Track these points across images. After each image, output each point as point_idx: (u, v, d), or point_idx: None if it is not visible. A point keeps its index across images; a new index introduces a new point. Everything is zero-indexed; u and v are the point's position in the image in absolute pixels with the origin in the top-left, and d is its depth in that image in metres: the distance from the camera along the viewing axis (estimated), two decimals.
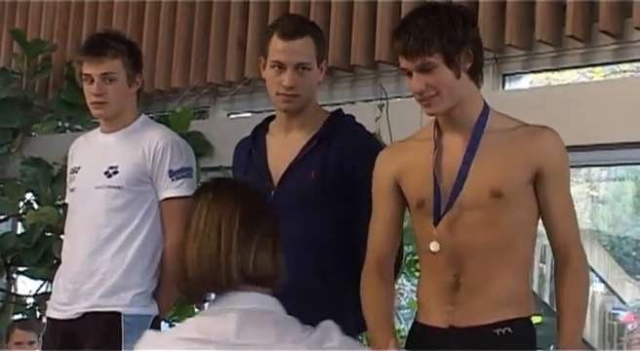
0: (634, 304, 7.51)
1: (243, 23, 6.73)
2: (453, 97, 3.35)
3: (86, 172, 4.46)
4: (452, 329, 3.39)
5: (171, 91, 7.29)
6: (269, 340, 2.82)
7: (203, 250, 2.90)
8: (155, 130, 4.52)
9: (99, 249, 4.33)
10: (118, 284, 4.29)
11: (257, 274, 2.93)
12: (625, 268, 7.53)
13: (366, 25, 6.20)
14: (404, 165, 3.53)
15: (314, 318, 3.75)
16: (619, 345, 7.52)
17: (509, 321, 3.34)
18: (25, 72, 7.98)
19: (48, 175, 6.99)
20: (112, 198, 4.34)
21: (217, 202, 2.94)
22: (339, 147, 3.81)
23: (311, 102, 3.93)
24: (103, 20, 7.77)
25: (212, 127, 6.84)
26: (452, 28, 3.28)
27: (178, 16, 7.26)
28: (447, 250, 3.38)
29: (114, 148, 4.42)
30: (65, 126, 7.85)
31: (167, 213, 4.36)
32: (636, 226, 7.71)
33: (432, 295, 3.48)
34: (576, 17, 5.35)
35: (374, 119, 5.39)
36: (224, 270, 2.86)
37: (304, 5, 6.44)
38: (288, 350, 2.80)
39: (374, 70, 6.30)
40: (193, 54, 7.12)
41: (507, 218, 3.35)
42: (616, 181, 7.32)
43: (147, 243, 4.34)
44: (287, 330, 2.91)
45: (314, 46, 3.86)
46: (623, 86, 5.48)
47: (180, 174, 4.36)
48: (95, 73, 4.40)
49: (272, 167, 3.89)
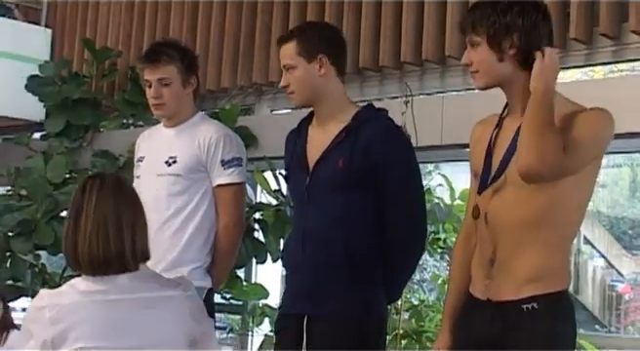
0: (631, 277, 7.47)
1: (284, 29, 6.67)
2: (491, 77, 3.28)
3: (149, 161, 4.48)
4: (488, 301, 3.28)
5: (221, 90, 7.33)
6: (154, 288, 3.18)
7: (95, 234, 3.12)
8: (210, 124, 4.52)
9: (160, 228, 4.31)
10: (177, 259, 4.29)
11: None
12: (623, 245, 7.50)
13: (392, 30, 6.18)
14: (475, 139, 3.48)
15: (343, 293, 3.75)
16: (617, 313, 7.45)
17: (538, 296, 3.17)
18: (95, 76, 8.04)
19: (114, 166, 7.02)
20: (172, 184, 4.34)
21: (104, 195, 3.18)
22: (366, 137, 3.77)
23: (338, 97, 3.90)
24: (161, 30, 7.79)
25: (256, 122, 6.82)
26: (502, 15, 3.21)
27: (227, 24, 7.26)
28: (489, 223, 3.28)
29: (174, 141, 4.42)
30: (129, 122, 7.83)
31: (220, 197, 4.36)
32: (632, 208, 7.67)
33: (477, 268, 3.37)
34: (579, 22, 5.33)
35: (400, 114, 5.34)
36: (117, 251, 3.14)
37: (338, 11, 6.45)
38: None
39: (399, 70, 6.26)
40: (240, 57, 7.13)
41: (541, 197, 3.17)
42: (614, 168, 7.26)
43: (203, 223, 4.33)
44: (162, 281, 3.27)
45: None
46: (621, 84, 5.44)
47: (232, 163, 4.36)
48: (152, 79, 4.43)
49: (309, 155, 3.88)
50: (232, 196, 4.36)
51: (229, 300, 6.52)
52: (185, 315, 3.21)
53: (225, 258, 4.43)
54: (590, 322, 7.08)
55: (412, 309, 6.02)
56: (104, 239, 3.12)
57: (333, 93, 3.90)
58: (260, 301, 6.57)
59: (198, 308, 3.33)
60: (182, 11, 7.65)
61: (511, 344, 3.17)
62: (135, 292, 3.15)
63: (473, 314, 3.34)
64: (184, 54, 4.53)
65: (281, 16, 6.85)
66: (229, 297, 6.48)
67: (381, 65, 6.27)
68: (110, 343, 3.07)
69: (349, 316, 3.74)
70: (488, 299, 3.28)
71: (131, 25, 8.13)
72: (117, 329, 3.10)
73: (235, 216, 4.40)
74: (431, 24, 5.99)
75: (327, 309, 3.74)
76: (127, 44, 8.09)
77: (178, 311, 3.20)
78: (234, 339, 7.24)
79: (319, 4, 6.60)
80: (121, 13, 8.21)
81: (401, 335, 5.75)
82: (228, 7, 7.28)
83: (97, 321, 3.08)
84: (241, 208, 4.50)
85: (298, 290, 3.89)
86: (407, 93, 5.67)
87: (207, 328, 3.33)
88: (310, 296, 3.78)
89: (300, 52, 3.86)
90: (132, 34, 8.11)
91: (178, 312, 3.20)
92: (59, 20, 8.85)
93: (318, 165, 3.83)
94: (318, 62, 3.86)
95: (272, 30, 6.83)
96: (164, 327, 3.17)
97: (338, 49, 3.98)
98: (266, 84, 6.91)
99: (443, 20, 5.91)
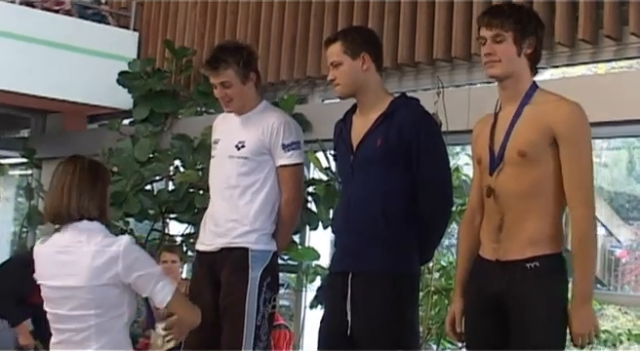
0: (627, 243, 7.42)
1: (334, 29, 6.69)
2: (509, 67, 3.33)
3: (222, 144, 4.44)
4: (497, 261, 3.35)
5: (280, 83, 7.36)
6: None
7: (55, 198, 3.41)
8: (272, 112, 4.46)
9: (232, 202, 4.30)
10: (247, 227, 4.26)
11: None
12: (621, 216, 7.44)
13: (426, 31, 6.19)
14: (476, 134, 3.55)
15: (381, 253, 3.76)
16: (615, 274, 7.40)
17: (538, 257, 3.26)
18: (174, 71, 8.09)
19: (190, 147, 7.04)
20: (241, 166, 4.30)
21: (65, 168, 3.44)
22: (399, 120, 3.77)
23: (377, 89, 3.90)
24: (229, 31, 7.85)
25: (310, 110, 6.80)
26: (525, 20, 3.36)
27: (285, 26, 7.29)
28: (497, 196, 3.34)
29: (242, 127, 4.38)
30: (202, 110, 7.86)
31: (282, 176, 4.31)
32: (629, 185, 7.60)
33: (486, 234, 3.43)
34: (586, 25, 5.34)
35: (432, 103, 5.35)
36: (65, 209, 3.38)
37: (380, 14, 6.47)
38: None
39: (432, 65, 6.27)
40: (296, 54, 7.16)
41: (532, 173, 3.28)
42: (613, 150, 7.19)
43: (268, 198, 4.29)
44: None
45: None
46: (622, 78, 5.46)
47: (291, 146, 4.30)
48: (215, 82, 4.37)
49: (353, 138, 3.87)
50: (292, 175, 4.33)
51: (287, 261, 6.52)
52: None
53: (287, 227, 4.39)
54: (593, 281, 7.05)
55: (441, 270, 6.03)
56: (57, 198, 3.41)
57: (372, 85, 3.89)
58: (312, 262, 6.58)
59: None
60: (247, 14, 7.68)
61: (517, 295, 3.26)
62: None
63: (484, 272, 3.41)
64: (241, 55, 4.40)
65: (331, 18, 6.87)
66: (287, 259, 6.48)
67: (417, 61, 6.29)
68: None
69: (387, 273, 3.74)
70: (497, 260, 3.35)
71: (204, 27, 8.17)
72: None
73: (294, 192, 4.36)
74: (459, 26, 6.00)
75: (367, 267, 3.75)
76: (201, 43, 8.14)
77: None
78: (290, 294, 7.27)
79: (364, 8, 6.61)
80: (196, 17, 8.26)
81: (432, 292, 5.75)
82: (287, 11, 7.30)
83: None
84: (299, 185, 4.46)
85: (343, 251, 3.89)
86: (439, 85, 5.67)
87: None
88: (354, 256, 3.79)
89: (346, 50, 3.85)
90: (205, 35, 8.15)
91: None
92: (144, 25, 8.94)
93: (360, 145, 3.82)
94: (361, 59, 3.85)
95: (324, 30, 6.83)
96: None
97: (377, 48, 3.99)
98: (319, 77, 6.91)
99: (470, 23, 5.91)
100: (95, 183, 3.46)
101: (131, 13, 8.98)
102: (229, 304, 4.21)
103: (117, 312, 3.36)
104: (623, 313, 6.89)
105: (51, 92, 8.29)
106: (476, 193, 3.56)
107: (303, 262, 6.58)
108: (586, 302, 3.24)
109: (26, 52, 7.98)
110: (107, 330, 3.34)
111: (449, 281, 5.87)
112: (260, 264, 4.23)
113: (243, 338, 4.15)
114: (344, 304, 3.76)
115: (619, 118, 5.06)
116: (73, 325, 3.35)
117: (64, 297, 3.35)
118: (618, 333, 5.83)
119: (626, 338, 5.85)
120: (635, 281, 7.38)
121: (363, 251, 3.77)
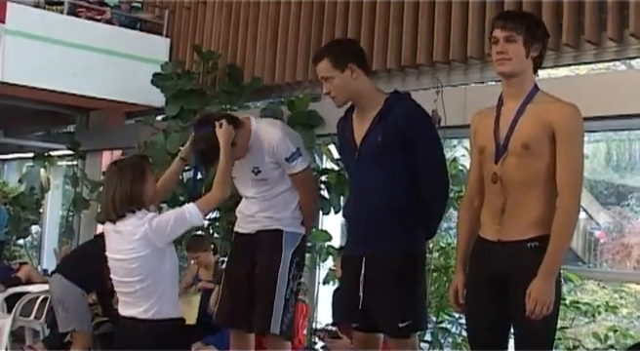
0: (605, 226, 7.36)
1: (344, 33, 6.72)
2: (518, 66, 3.31)
3: (242, 169, 4.32)
4: (499, 241, 3.33)
5: (295, 83, 7.35)
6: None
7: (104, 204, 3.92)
8: (267, 132, 4.27)
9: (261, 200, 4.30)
10: (279, 214, 4.28)
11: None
12: (600, 202, 7.40)
13: (426, 36, 6.17)
14: (477, 124, 3.51)
15: (390, 235, 3.72)
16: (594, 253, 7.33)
17: (538, 237, 3.24)
18: (202, 73, 8.08)
19: None
20: (262, 185, 4.28)
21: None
22: (394, 115, 3.74)
23: (370, 91, 3.84)
24: (251, 37, 7.81)
25: (323, 107, 6.70)
26: (535, 27, 3.35)
27: (300, 30, 7.27)
28: (500, 182, 3.32)
29: (251, 155, 4.25)
30: (227, 108, 7.76)
31: (293, 182, 4.29)
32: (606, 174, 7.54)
33: (488, 217, 3.40)
34: (590, 27, 5.32)
35: (432, 101, 5.36)
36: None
37: (385, 21, 6.43)
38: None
39: (432, 67, 6.24)
40: (311, 56, 7.03)
41: (534, 163, 3.26)
42: (593, 143, 7.09)
43: (294, 193, 4.29)
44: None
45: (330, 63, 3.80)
46: (601, 79, 5.49)
47: (292, 157, 4.22)
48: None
49: (356, 136, 3.85)
50: (301, 180, 4.30)
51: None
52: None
53: (308, 218, 4.40)
54: (575, 260, 6.98)
55: (440, 250, 6.00)
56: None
57: (365, 89, 3.84)
58: (325, 243, 6.52)
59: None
60: (266, 22, 7.65)
61: (518, 273, 3.23)
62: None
63: (487, 252, 3.37)
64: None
65: (341, 25, 6.85)
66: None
67: (418, 63, 6.26)
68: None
69: (398, 252, 3.72)
70: (499, 240, 3.32)
71: (228, 34, 8.16)
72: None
73: (308, 195, 4.36)
74: (457, 32, 5.98)
75: (380, 250, 3.73)
76: (225, 48, 8.13)
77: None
78: (305, 272, 7.19)
79: (371, 14, 6.58)
80: (221, 25, 8.25)
81: (432, 270, 5.73)
82: (302, 19, 7.27)
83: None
84: (311, 185, 4.46)
85: (357, 237, 3.89)
86: (438, 85, 5.70)
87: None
88: (367, 241, 3.78)
89: (334, 65, 3.79)
90: (228, 40, 8.14)
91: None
92: (175, 32, 8.94)
93: (363, 142, 3.79)
94: (349, 70, 3.79)
95: (335, 35, 6.80)
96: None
97: (361, 56, 3.92)
98: None
99: (466, 29, 5.90)
100: (132, 184, 3.82)
101: (163, 21, 9.01)
102: (264, 279, 4.22)
103: (158, 277, 3.79)
104: (602, 287, 6.89)
105: (93, 91, 8.37)
106: (475, 179, 3.51)
107: (317, 243, 6.51)
108: (552, 276, 3.18)
109: (72, 56, 8.03)
110: (152, 292, 3.78)
111: (447, 260, 5.86)
112: (292, 245, 4.26)
113: (273, 308, 4.16)
114: (357, 283, 3.75)
115: (598, 114, 5.00)
116: (125, 289, 3.85)
117: (116, 268, 3.87)
118: (596, 305, 5.85)
119: (604, 310, 5.89)
120: (612, 259, 7.34)
121: (374, 235, 3.76)
